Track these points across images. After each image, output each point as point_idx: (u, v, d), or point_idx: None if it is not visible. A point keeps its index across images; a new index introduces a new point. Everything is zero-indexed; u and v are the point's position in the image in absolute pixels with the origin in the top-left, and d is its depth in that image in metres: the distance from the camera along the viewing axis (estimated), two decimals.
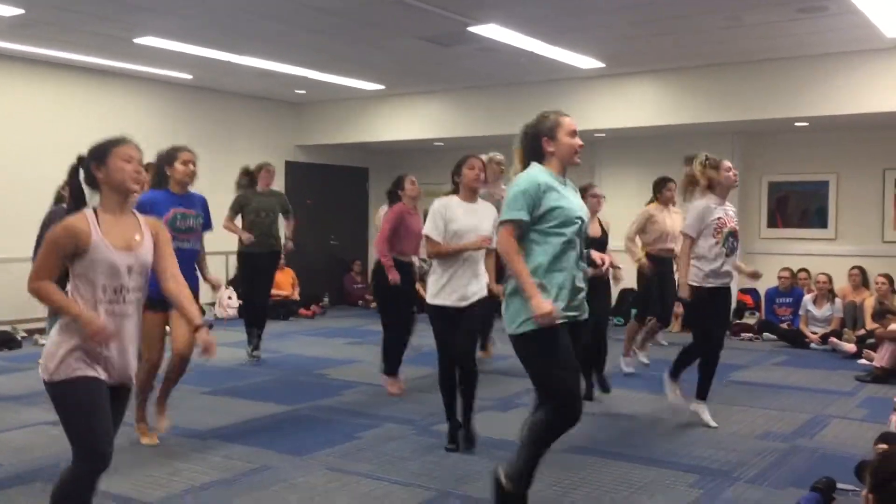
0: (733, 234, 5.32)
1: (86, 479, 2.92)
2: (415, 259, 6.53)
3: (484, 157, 7.24)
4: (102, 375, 2.95)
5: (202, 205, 5.13)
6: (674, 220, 7.10)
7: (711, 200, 5.32)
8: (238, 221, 7.67)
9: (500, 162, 7.03)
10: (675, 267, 6.60)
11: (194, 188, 5.15)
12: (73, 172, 3.22)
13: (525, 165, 3.68)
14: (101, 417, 2.92)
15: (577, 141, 3.67)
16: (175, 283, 3.11)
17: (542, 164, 3.64)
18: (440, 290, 4.83)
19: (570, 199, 3.58)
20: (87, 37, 8.20)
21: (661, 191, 7.24)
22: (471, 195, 4.96)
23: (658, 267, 7.11)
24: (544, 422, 3.51)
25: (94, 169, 3.07)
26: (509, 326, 3.57)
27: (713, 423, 5.44)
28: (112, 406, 2.99)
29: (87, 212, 3.02)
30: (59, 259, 2.91)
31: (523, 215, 3.48)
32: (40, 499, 4.01)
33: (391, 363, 6.52)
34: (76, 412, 2.90)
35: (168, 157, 5.01)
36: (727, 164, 5.41)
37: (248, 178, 7.88)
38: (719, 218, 5.28)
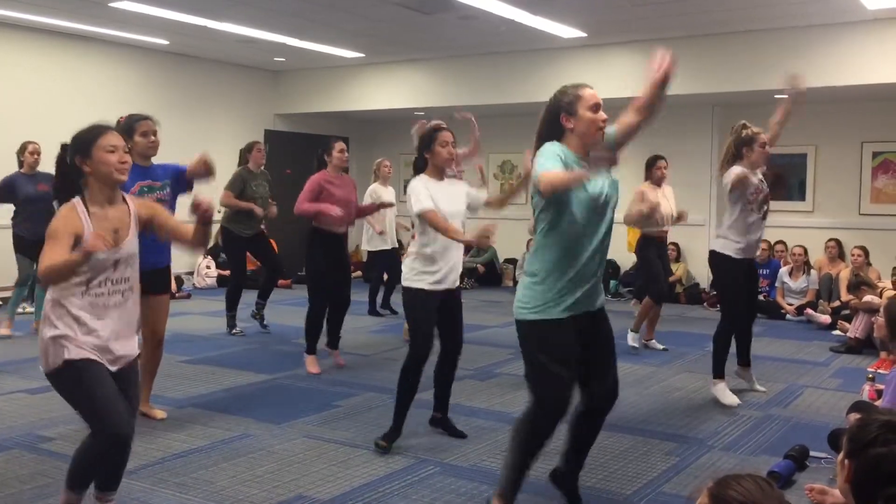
0: (766, 199, 5.33)
1: (103, 454, 3.04)
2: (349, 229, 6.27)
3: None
4: (101, 360, 2.98)
5: (171, 173, 4.73)
6: (668, 199, 6.96)
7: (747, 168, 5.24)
8: None
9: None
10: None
11: (171, 158, 5.02)
12: (61, 162, 3.14)
13: (538, 147, 3.19)
14: (106, 394, 2.94)
15: (601, 115, 3.22)
16: (187, 229, 3.30)
17: (561, 142, 3.19)
18: (430, 273, 4.29)
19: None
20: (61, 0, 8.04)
21: (650, 170, 7.02)
22: (440, 174, 4.43)
23: (654, 248, 6.98)
24: (528, 415, 3.26)
25: (80, 162, 3.03)
26: (517, 310, 3.26)
27: (760, 388, 5.61)
28: (122, 389, 3.03)
29: (79, 206, 2.99)
30: (66, 249, 2.88)
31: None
32: (18, 464, 4.01)
33: (312, 340, 6.15)
34: (78, 392, 2.96)
35: (126, 129, 4.55)
36: (763, 139, 5.33)
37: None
38: (756, 187, 5.25)
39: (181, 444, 4.39)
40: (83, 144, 3.03)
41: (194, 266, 10.82)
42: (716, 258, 5.35)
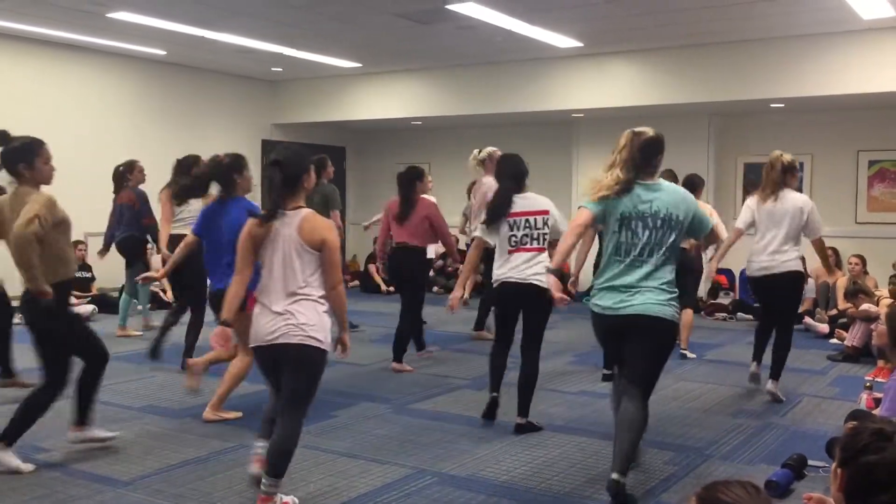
0: None
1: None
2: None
3: (483, 152, 7.48)
4: None
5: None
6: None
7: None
8: None
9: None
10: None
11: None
12: None
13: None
14: None
15: None
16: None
17: None
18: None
19: None
20: (58, 11, 8.05)
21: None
22: None
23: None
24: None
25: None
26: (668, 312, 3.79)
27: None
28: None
29: None
30: None
31: None
32: (14, 476, 3.99)
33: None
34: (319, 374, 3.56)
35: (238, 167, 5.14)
36: (796, 166, 5.87)
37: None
38: None
39: (178, 455, 4.37)
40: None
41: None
42: (800, 276, 5.75)
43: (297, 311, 3.41)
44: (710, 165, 10.43)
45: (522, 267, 4.81)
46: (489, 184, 7.16)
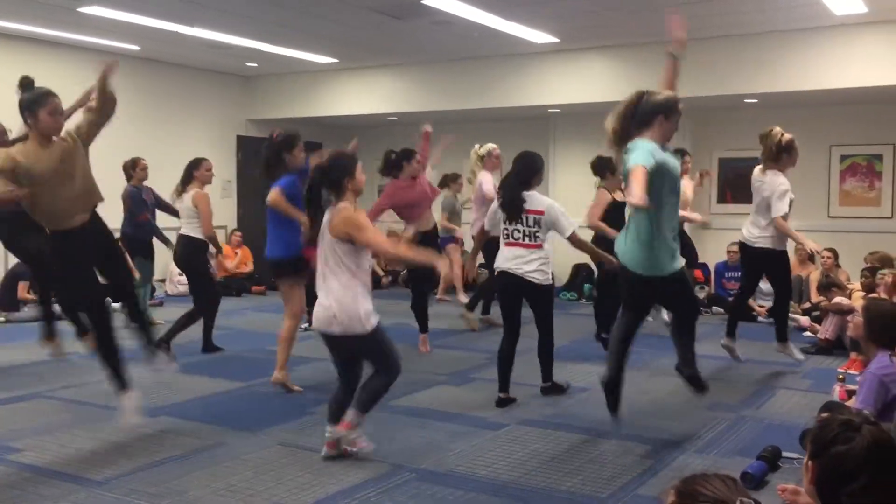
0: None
1: (390, 384, 4.21)
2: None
3: (483, 148, 7.94)
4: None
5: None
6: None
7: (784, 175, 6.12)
8: None
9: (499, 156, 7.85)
10: None
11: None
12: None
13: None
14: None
15: None
16: None
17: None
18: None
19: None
20: (28, 5, 7.95)
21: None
22: None
23: None
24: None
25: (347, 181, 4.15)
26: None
27: (801, 357, 6.35)
28: None
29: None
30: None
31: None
32: None
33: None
34: (385, 341, 4.15)
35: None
36: (797, 147, 6.17)
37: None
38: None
39: (154, 453, 4.34)
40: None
41: (166, 273, 10.72)
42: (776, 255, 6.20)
43: None
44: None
45: (518, 262, 5.16)
46: (482, 179, 7.79)
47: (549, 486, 3.91)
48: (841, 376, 5.20)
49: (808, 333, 7.90)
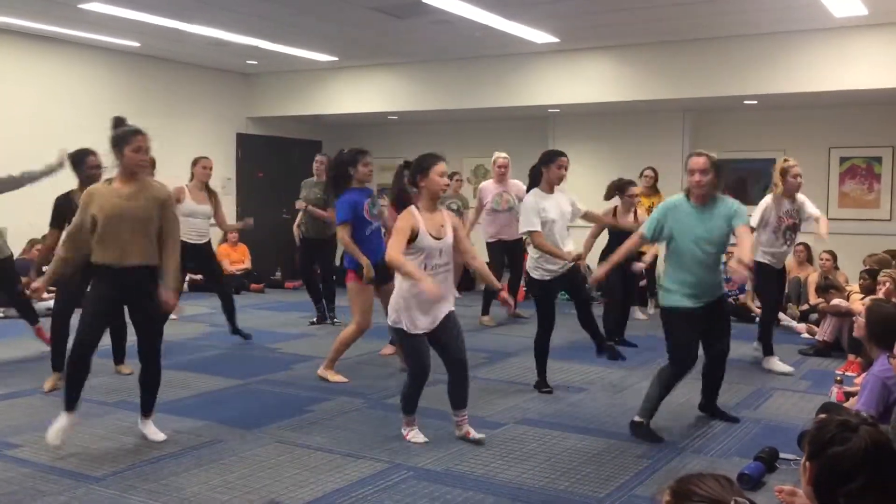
0: (790, 228, 6.57)
1: (420, 386, 4.55)
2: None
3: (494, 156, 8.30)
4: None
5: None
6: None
7: (778, 200, 6.42)
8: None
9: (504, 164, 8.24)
10: None
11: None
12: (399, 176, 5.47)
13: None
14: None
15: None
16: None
17: None
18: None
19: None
20: (29, 0, 7.93)
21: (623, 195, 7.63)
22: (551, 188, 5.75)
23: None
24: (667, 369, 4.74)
25: (419, 180, 4.47)
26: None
27: (789, 369, 6.39)
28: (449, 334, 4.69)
29: (415, 211, 4.43)
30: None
31: None
32: None
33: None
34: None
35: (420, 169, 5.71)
36: (795, 170, 6.39)
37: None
38: (779, 216, 6.44)
39: (151, 450, 4.34)
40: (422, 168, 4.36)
41: None
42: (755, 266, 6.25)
43: None
44: (685, 161, 10.48)
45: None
46: (483, 187, 8.45)
47: (547, 485, 3.91)
48: (839, 378, 5.21)
49: (806, 335, 7.91)
